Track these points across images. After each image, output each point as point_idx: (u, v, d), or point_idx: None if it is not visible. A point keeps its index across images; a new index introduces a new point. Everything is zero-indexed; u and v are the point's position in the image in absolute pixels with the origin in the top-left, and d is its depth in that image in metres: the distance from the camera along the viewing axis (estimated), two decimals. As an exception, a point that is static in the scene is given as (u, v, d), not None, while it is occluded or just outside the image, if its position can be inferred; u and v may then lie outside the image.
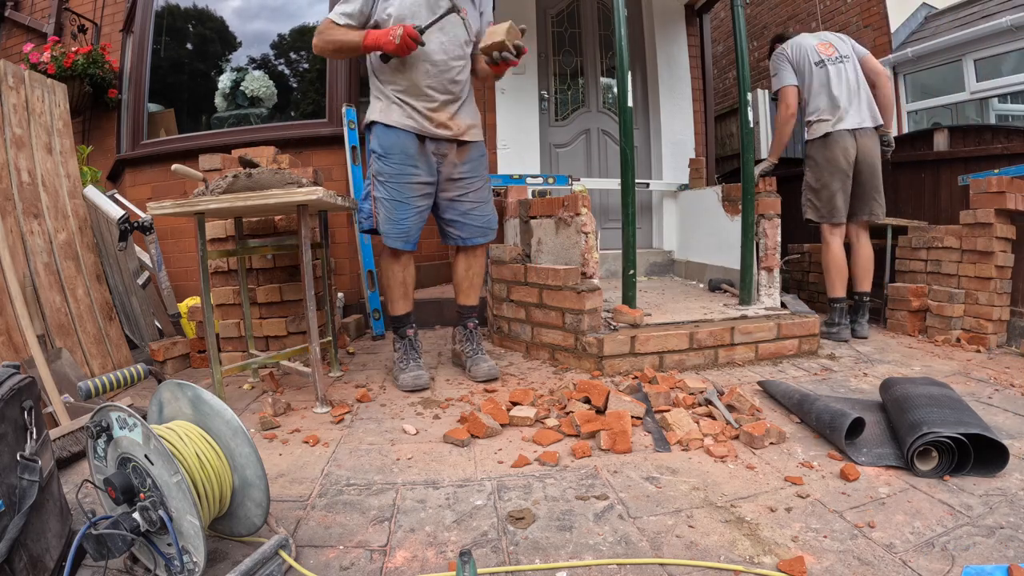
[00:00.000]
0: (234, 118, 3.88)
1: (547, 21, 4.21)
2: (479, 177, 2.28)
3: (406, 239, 2.15)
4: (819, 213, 2.97)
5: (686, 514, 1.25)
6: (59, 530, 1.04)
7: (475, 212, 2.27)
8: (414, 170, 2.13)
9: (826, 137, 2.89)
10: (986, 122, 4.67)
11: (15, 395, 0.97)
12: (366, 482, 1.43)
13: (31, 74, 2.40)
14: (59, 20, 4.77)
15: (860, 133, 2.88)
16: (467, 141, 2.23)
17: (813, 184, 2.98)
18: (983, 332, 2.79)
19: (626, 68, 2.45)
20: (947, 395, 1.66)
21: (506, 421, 1.77)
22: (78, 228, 2.49)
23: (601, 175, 4.27)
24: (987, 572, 1.01)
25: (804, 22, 6.24)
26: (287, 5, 4.00)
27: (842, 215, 2.93)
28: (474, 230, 2.28)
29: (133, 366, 1.27)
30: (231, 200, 1.78)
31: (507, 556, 1.11)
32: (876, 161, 2.93)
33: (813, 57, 2.95)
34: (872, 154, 2.91)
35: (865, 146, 2.89)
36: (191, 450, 1.03)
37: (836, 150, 2.87)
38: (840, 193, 2.90)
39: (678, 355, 2.37)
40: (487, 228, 2.31)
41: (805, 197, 3.03)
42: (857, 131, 2.87)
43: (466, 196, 2.25)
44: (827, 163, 2.90)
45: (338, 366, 2.43)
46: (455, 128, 2.17)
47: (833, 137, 2.87)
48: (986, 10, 4.81)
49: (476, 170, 2.27)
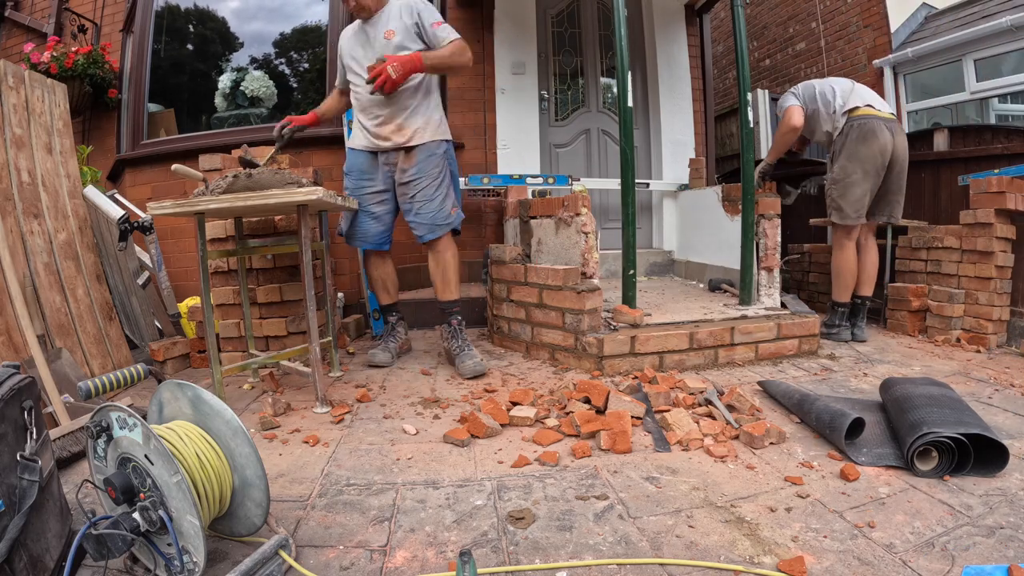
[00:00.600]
0: (234, 118, 3.88)
1: (547, 21, 4.21)
2: (425, 176, 2.41)
3: (363, 239, 2.50)
4: (845, 214, 2.77)
5: (686, 514, 1.25)
6: (59, 530, 1.04)
7: (423, 210, 2.41)
8: (368, 182, 2.48)
9: (864, 127, 2.69)
10: (986, 122, 4.67)
11: (15, 395, 0.97)
12: (366, 482, 1.43)
13: (31, 74, 2.40)
14: (59, 20, 4.77)
15: (895, 128, 2.73)
16: (414, 146, 2.40)
17: (842, 181, 2.76)
18: (983, 332, 2.79)
19: (626, 68, 2.45)
20: (947, 395, 1.66)
21: (506, 421, 1.77)
22: (78, 228, 2.49)
23: (601, 175, 4.27)
24: (987, 572, 1.01)
25: (804, 22, 6.24)
26: (287, 5, 4.00)
27: (864, 217, 2.81)
28: (424, 227, 2.43)
29: (133, 366, 1.27)
30: (231, 200, 1.78)
31: (507, 556, 1.11)
32: (906, 160, 2.79)
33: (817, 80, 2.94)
34: (904, 152, 2.77)
35: (899, 144, 2.74)
36: (191, 450, 1.03)
37: (875, 147, 2.68)
38: (869, 194, 2.77)
39: (678, 355, 2.37)
40: (435, 224, 2.42)
41: (831, 196, 2.83)
42: (891, 124, 2.72)
43: (415, 196, 2.42)
44: (865, 160, 2.70)
45: (338, 366, 2.43)
46: (400, 139, 2.39)
47: (874, 129, 2.68)
48: (986, 10, 4.81)
49: (423, 171, 2.40)
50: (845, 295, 2.94)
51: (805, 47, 6.28)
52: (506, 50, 4.01)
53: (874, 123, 2.71)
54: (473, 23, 4.06)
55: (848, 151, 2.75)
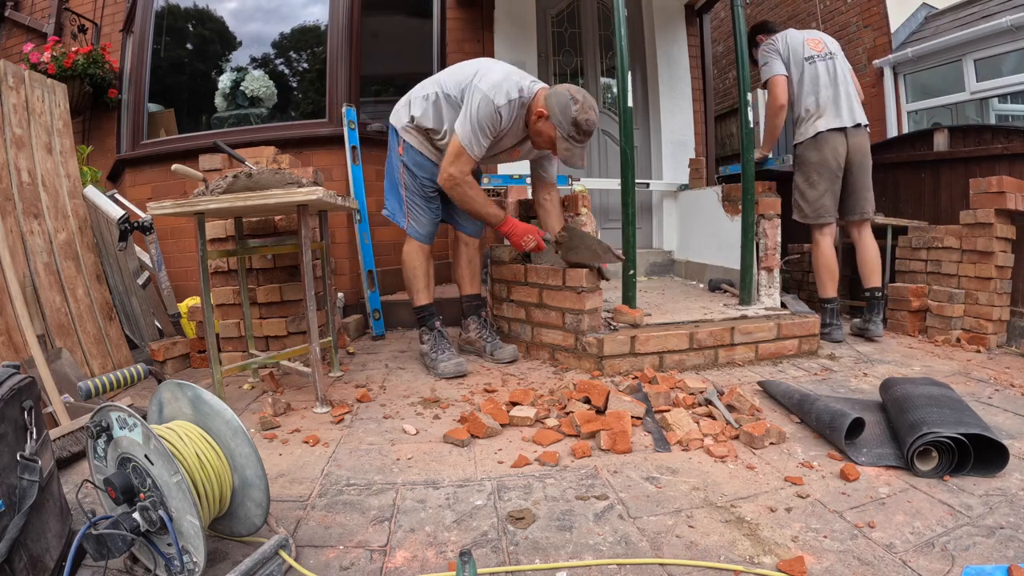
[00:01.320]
0: (234, 118, 3.88)
1: (547, 21, 4.21)
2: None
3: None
4: (804, 213, 2.93)
5: (686, 514, 1.25)
6: (59, 530, 1.04)
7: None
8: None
9: (816, 137, 2.84)
10: (986, 122, 4.67)
11: (15, 395, 0.97)
12: (366, 482, 1.43)
13: (31, 74, 2.40)
14: (59, 20, 4.77)
15: (851, 132, 2.83)
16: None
17: (802, 185, 2.93)
18: (983, 332, 2.79)
19: (626, 68, 2.45)
20: (947, 395, 1.66)
21: (506, 421, 1.77)
22: (78, 228, 2.49)
23: (601, 175, 4.28)
24: (987, 572, 1.01)
25: (804, 22, 6.24)
26: (287, 5, 4.00)
27: (831, 215, 2.89)
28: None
29: (133, 366, 1.27)
30: (231, 200, 1.78)
31: (507, 556, 1.10)
32: (867, 160, 2.89)
33: (803, 52, 2.90)
34: (863, 152, 2.87)
35: (856, 144, 2.85)
36: (191, 450, 1.03)
37: (826, 150, 2.82)
38: (829, 194, 2.86)
39: (678, 355, 2.37)
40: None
41: (794, 198, 2.99)
42: (848, 129, 2.83)
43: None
44: (818, 164, 2.85)
45: (338, 366, 2.43)
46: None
47: (824, 136, 2.82)
48: (986, 10, 4.81)
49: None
50: (827, 291, 2.95)
51: (805, 47, 6.27)
52: (506, 50, 4.01)
53: (827, 134, 2.82)
54: (473, 23, 4.06)
55: (800, 158, 2.94)
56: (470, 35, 4.09)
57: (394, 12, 4.41)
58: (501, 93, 2.11)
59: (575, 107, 2.08)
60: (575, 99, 2.09)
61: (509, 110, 2.14)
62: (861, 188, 2.90)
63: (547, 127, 2.15)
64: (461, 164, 2.18)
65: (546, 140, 2.19)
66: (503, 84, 2.13)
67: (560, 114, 2.09)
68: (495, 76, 2.16)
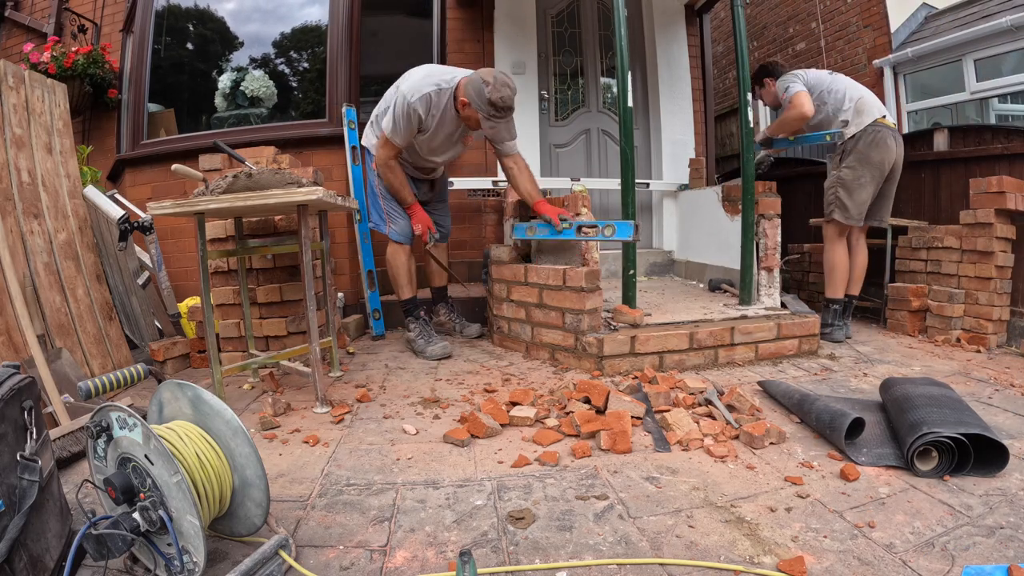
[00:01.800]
0: (234, 118, 3.88)
1: (547, 21, 4.21)
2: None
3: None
4: (848, 214, 2.82)
5: (686, 514, 1.25)
6: (59, 530, 1.04)
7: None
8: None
9: (874, 134, 2.76)
10: (986, 122, 4.66)
11: (15, 395, 0.97)
12: (366, 482, 1.43)
13: (31, 74, 2.40)
14: (59, 20, 4.77)
15: (898, 138, 2.81)
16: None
17: (851, 183, 2.80)
18: (983, 332, 2.79)
19: (626, 68, 2.45)
20: (947, 395, 1.66)
21: (506, 421, 1.77)
22: (78, 228, 2.49)
23: (601, 175, 4.27)
24: (987, 572, 1.01)
25: (804, 22, 6.24)
26: (286, 5, 4.00)
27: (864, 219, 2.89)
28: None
29: (133, 366, 1.27)
30: (231, 200, 1.78)
31: (507, 556, 1.10)
32: (901, 168, 2.89)
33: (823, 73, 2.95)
34: (902, 160, 2.87)
35: (900, 153, 2.84)
36: (191, 450, 1.03)
37: (885, 153, 2.77)
38: (871, 197, 2.85)
39: (678, 355, 2.37)
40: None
41: (836, 194, 2.85)
42: (895, 134, 2.79)
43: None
44: (876, 165, 2.78)
45: (338, 366, 2.43)
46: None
47: (886, 139, 2.76)
48: (986, 10, 4.81)
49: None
50: (837, 292, 2.95)
51: (805, 47, 6.28)
52: (506, 50, 4.01)
53: (886, 132, 2.79)
54: (473, 23, 4.06)
55: (860, 155, 2.80)
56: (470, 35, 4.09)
57: (394, 12, 4.41)
58: (416, 91, 2.40)
59: (487, 89, 2.31)
60: (486, 82, 2.32)
61: (426, 104, 2.41)
62: (889, 196, 2.92)
63: (471, 112, 2.41)
64: (387, 150, 2.56)
65: (475, 123, 2.47)
66: (420, 84, 2.42)
67: (477, 98, 2.34)
68: (414, 77, 2.48)
